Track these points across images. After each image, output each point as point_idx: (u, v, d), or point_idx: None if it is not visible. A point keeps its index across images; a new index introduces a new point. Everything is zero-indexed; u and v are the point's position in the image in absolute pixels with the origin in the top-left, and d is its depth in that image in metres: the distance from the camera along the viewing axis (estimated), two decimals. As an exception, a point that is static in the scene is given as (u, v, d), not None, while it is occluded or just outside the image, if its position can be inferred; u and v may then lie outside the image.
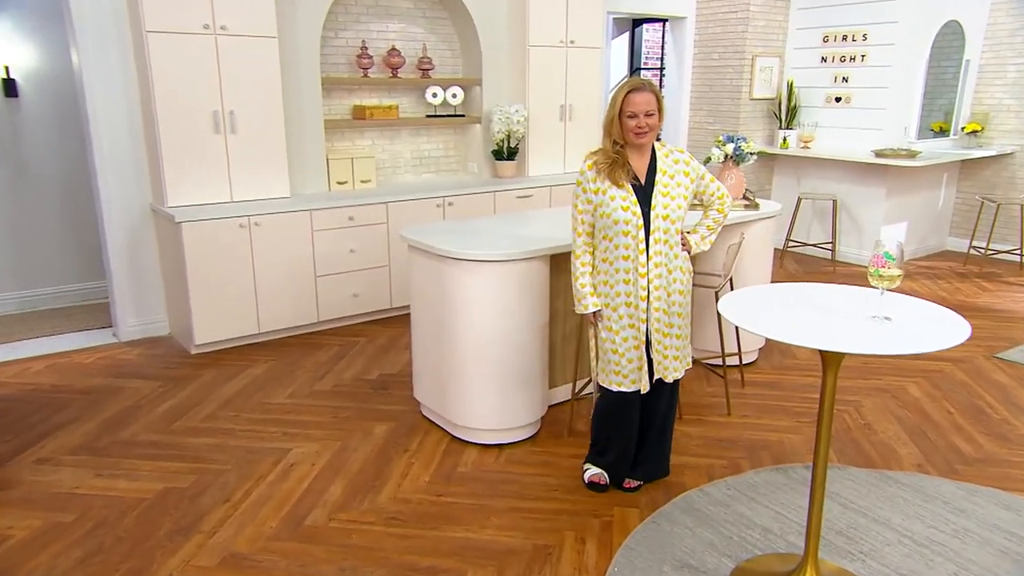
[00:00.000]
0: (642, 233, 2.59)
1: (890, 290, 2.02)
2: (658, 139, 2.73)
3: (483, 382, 3.18)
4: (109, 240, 4.40)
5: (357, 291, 4.79)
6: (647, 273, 2.61)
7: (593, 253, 2.71)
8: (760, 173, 6.97)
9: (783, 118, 6.83)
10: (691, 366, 2.86)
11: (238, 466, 3.10)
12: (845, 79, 6.51)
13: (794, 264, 6.55)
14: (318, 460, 3.16)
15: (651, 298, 2.64)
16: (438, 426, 3.46)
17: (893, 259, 1.95)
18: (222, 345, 4.41)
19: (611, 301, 2.69)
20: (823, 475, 2.23)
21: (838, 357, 2.02)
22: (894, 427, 3.49)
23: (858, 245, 6.53)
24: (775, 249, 6.75)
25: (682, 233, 2.70)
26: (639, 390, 2.75)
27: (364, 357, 4.33)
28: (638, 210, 2.59)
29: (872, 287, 2.08)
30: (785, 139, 6.71)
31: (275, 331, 4.57)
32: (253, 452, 3.21)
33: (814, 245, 6.62)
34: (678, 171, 2.64)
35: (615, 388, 2.77)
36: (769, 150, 6.78)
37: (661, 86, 7.84)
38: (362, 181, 5.11)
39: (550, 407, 3.57)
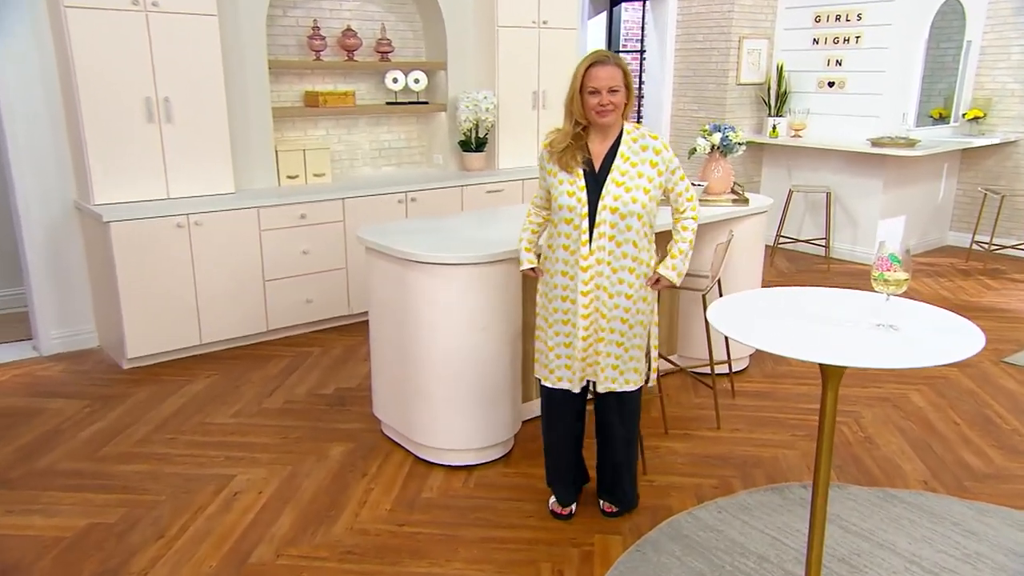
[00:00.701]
0: (585, 223, 2.53)
1: (897, 293, 1.96)
2: (639, 121, 2.67)
3: (449, 397, 3.11)
4: (27, 241, 4.23)
5: (310, 296, 4.68)
6: (588, 267, 2.56)
7: (546, 219, 2.76)
8: (748, 164, 6.97)
9: (772, 104, 6.84)
10: (647, 384, 2.77)
11: (174, 497, 2.97)
12: (839, 62, 6.53)
13: (785, 262, 6.56)
14: (265, 488, 3.04)
15: (589, 296, 2.58)
16: (400, 446, 3.37)
17: (899, 261, 1.89)
18: (159, 358, 4.27)
19: (549, 291, 2.67)
20: (824, 500, 2.18)
21: (839, 370, 1.96)
22: (897, 440, 3.47)
23: (852, 241, 6.55)
24: (765, 246, 6.73)
25: (657, 272, 2.62)
26: (570, 391, 2.72)
27: (319, 370, 4.22)
28: (584, 197, 2.53)
29: (876, 291, 2.02)
30: (775, 127, 6.72)
31: (219, 342, 4.44)
32: (191, 480, 3.09)
33: (806, 241, 6.64)
34: (644, 159, 2.54)
35: (543, 382, 2.76)
36: (758, 139, 6.78)
37: (641, 70, 7.80)
38: (315, 175, 5.00)
39: (524, 423, 3.50)
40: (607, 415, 2.77)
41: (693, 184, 3.96)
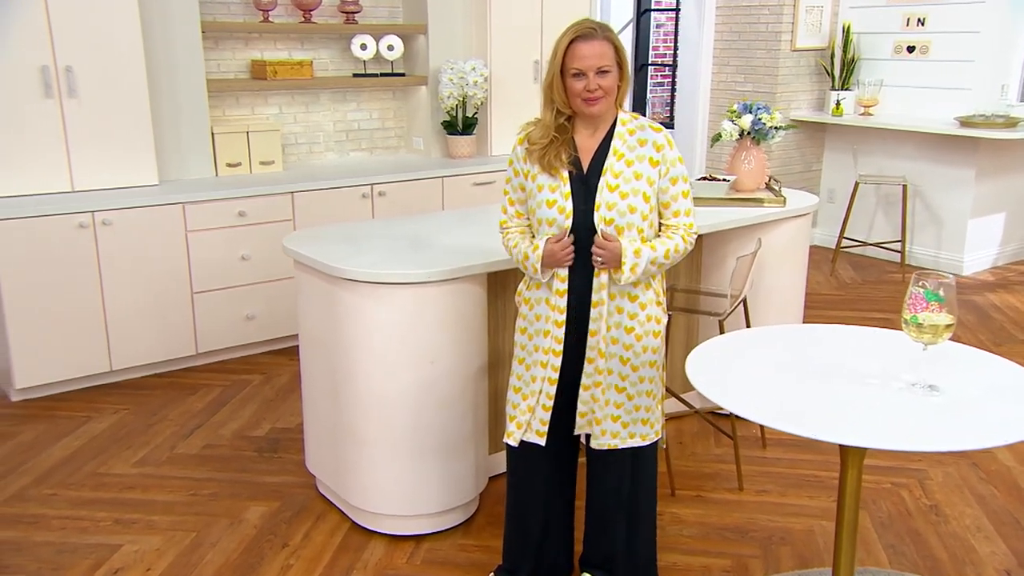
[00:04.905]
0: (570, 240, 2.35)
1: (936, 343, 1.69)
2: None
3: (392, 450, 2.92)
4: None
5: (251, 312, 4.53)
6: (566, 293, 2.39)
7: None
8: (806, 149, 6.75)
9: (837, 75, 6.62)
10: (652, 440, 2.53)
11: (37, 575, 2.80)
12: (921, 21, 6.30)
13: (851, 270, 6.33)
14: (156, 562, 2.87)
15: (601, 328, 2.39)
16: (336, 508, 3.20)
17: (940, 299, 1.62)
18: (57, 389, 4.15)
19: (530, 326, 2.49)
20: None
21: (861, 449, 1.70)
22: (973, 512, 3.20)
23: (936, 245, 6.34)
24: (832, 250, 6.50)
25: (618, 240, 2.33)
26: (548, 451, 2.50)
27: (255, 403, 4.06)
28: (569, 207, 2.34)
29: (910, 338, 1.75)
30: (839, 103, 6.52)
31: (133, 368, 4.31)
32: (64, 552, 2.92)
33: (876, 245, 6.42)
34: (642, 156, 2.35)
35: (507, 440, 2.54)
36: (817, 118, 6.59)
37: (676, 33, 7.57)
38: (262, 163, 4.84)
39: (491, 479, 3.30)
40: (604, 478, 2.57)
41: (716, 179, 3.71)
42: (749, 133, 3.69)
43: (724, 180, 3.70)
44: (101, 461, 3.53)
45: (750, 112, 3.66)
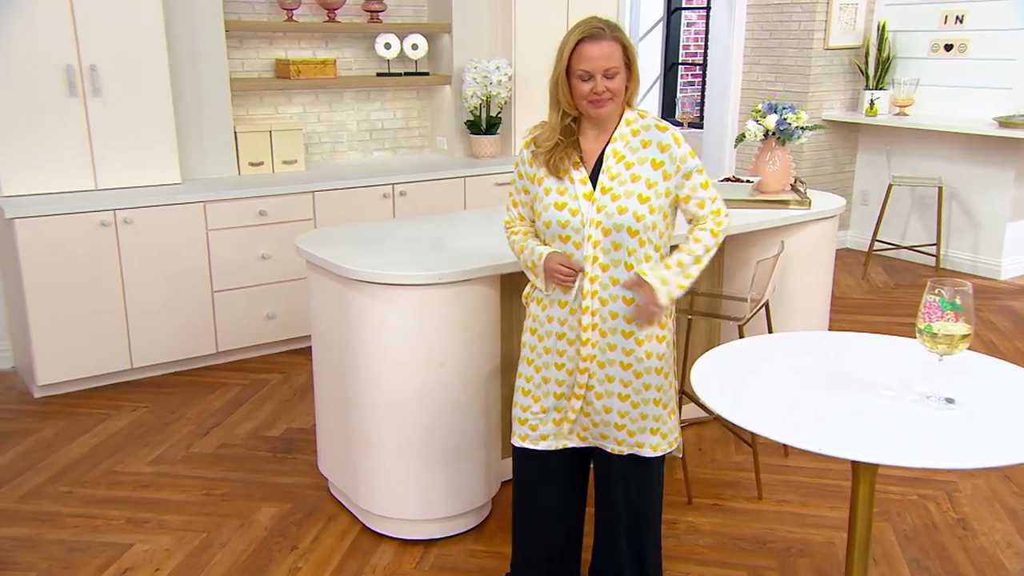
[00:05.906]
0: (589, 243, 2.29)
1: (953, 353, 1.61)
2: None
3: (402, 453, 2.89)
4: (-73, 242, 4.17)
5: (272, 311, 4.52)
6: (593, 297, 2.32)
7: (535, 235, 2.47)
8: (838, 149, 6.63)
9: (871, 75, 6.49)
10: (662, 452, 2.44)
11: (47, 573, 2.80)
12: (959, 19, 6.16)
13: (883, 274, 6.18)
14: (165, 562, 2.85)
15: (594, 336, 2.33)
16: (348, 511, 3.16)
17: (957, 308, 1.54)
18: (79, 386, 4.17)
19: (540, 327, 2.42)
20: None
21: (872, 465, 1.62)
22: (1003, 527, 3.09)
23: (973, 248, 6.17)
24: (865, 253, 6.36)
25: (639, 273, 2.27)
26: (557, 457, 2.45)
27: (272, 403, 4.05)
28: (582, 208, 2.28)
29: (925, 348, 1.67)
30: (873, 103, 6.38)
31: (154, 366, 4.32)
32: (75, 550, 2.92)
33: (910, 248, 6.28)
34: (643, 158, 2.27)
35: (518, 443, 2.49)
36: (850, 118, 6.46)
37: (707, 32, 7.47)
38: (285, 162, 4.84)
39: (504, 484, 3.24)
40: (611, 488, 2.51)
41: (740, 180, 3.62)
42: (774, 133, 3.59)
43: (748, 181, 3.61)
44: (117, 459, 3.53)
45: (775, 112, 3.57)
